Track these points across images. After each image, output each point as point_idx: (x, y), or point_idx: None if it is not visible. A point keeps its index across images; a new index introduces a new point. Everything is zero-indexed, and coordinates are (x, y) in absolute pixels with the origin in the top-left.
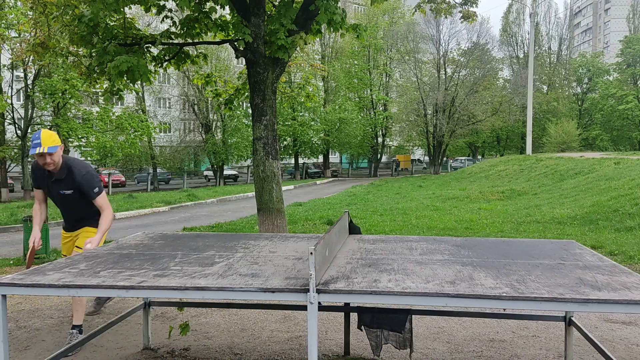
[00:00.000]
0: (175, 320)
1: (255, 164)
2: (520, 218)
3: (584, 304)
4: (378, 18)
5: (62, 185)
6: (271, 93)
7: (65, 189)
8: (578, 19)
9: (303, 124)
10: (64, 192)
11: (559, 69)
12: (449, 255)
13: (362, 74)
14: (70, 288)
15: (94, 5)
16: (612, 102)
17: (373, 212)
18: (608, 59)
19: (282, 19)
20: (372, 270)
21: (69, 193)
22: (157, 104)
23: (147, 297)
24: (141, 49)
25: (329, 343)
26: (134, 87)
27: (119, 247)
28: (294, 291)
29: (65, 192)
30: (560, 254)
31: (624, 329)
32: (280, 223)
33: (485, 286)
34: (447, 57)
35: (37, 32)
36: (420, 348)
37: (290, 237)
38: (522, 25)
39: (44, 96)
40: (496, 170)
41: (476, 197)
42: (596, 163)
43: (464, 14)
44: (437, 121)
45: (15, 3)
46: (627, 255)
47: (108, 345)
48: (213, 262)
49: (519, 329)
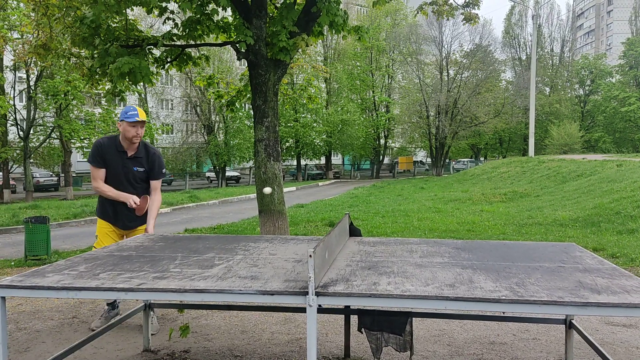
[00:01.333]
0: (176, 322)
1: (257, 165)
2: (522, 220)
3: (583, 307)
4: (380, 20)
5: (138, 162)
6: (273, 95)
7: (139, 166)
8: (580, 21)
9: (305, 126)
10: (138, 169)
11: (561, 70)
12: (449, 258)
13: (364, 75)
14: (69, 290)
15: (96, 7)
16: (615, 104)
17: (375, 214)
18: (610, 61)
19: (284, 20)
20: (371, 273)
21: (141, 170)
22: (160, 105)
23: (147, 299)
24: (143, 51)
25: (329, 345)
26: (136, 88)
27: (118, 249)
28: (293, 294)
29: (139, 169)
30: (560, 256)
31: (624, 332)
32: (282, 225)
33: (484, 289)
34: (449, 58)
35: (39, 34)
36: (420, 350)
37: (291, 239)
38: (524, 27)
39: (46, 97)
40: (498, 172)
41: (478, 199)
42: (598, 165)
43: (466, 16)
44: (439, 123)
45: (17, 4)
46: (629, 257)
47: (108, 347)
48: (213, 264)
49: (520, 332)
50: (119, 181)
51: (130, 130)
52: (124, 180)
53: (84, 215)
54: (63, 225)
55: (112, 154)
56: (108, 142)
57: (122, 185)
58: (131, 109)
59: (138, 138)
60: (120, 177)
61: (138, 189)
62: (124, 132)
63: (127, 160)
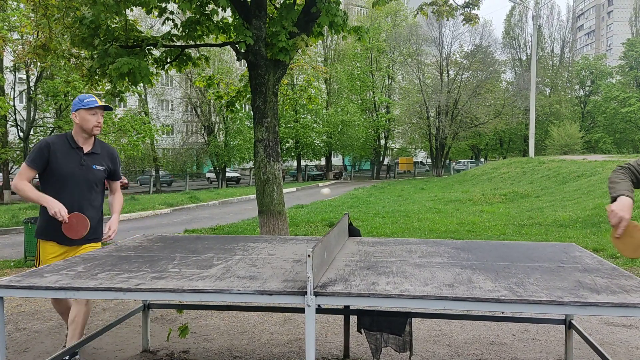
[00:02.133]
0: (175, 323)
1: (257, 166)
2: (523, 221)
3: (582, 307)
4: (380, 20)
5: (97, 160)
6: (272, 95)
7: (99, 165)
8: (581, 22)
9: (305, 126)
10: (98, 168)
11: (561, 71)
12: (449, 258)
13: (364, 76)
14: (67, 290)
15: (95, 7)
16: (615, 105)
17: (375, 215)
18: (611, 61)
19: (284, 21)
20: (370, 273)
21: (101, 170)
22: (160, 106)
23: (145, 300)
24: (142, 51)
25: (328, 346)
26: (136, 89)
27: (117, 249)
28: (292, 294)
29: (99, 167)
30: (560, 256)
31: (624, 332)
32: (282, 225)
33: (483, 289)
34: (449, 59)
35: (38, 34)
36: (420, 351)
37: (290, 240)
38: (524, 27)
39: (46, 98)
40: (499, 172)
41: (478, 199)
42: (599, 166)
43: (465, 17)
44: (439, 123)
45: (17, 5)
46: (629, 258)
47: (107, 348)
48: (211, 264)
49: (520, 332)
50: (75, 183)
51: (90, 119)
52: (82, 181)
53: None
54: None
55: (64, 152)
56: (58, 139)
57: (79, 188)
58: (87, 96)
59: (99, 129)
60: (77, 178)
61: (95, 196)
62: (83, 123)
63: (85, 157)
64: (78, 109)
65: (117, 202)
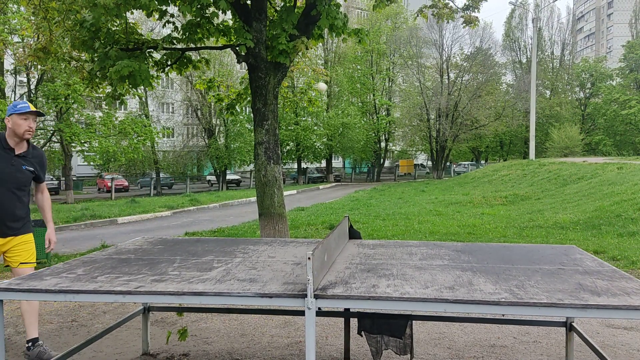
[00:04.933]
0: (175, 326)
1: (257, 168)
2: (523, 223)
3: (582, 309)
4: (381, 23)
5: (28, 161)
6: (273, 98)
7: (29, 166)
8: (581, 24)
9: (306, 129)
10: (27, 169)
11: (561, 74)
12: (449, 261)
13: (365, 78)
14: (66, 293)
15: (96, 10)
16: (615, 107)
17: (375, 217)
18: (611, 64)
19: (284, 23)
20: (371, 276)
21: (30, 170)
22: (160, 108)
23: (146, 302)
24: (143, 54)
25: (329, 349)
26: (136, 91)
27: (117, 252)
28: (292, 296)
29: (29, 169)
30: (560, 259)
31: (625, 335)
32: (282, 228)
33: (484, 292)
34: (450, 61)
35: (39, 37)
36: (420, 354)
37: (290, 242)
38: (524, 30)
39: (46, 101)
40: (499, 175)
41: (479, 202)
42: (599, 168)
43: (466, 19)
44: (440, 126)
45: (18, 8)
46: (630, 260)
47: (107, 351)
48: (211, 267)
49: (520, 335)
50: (3, 181)
51: (22, 124)
52: (10, 181)
53: (84, 219)
54: (63, 228)
55: None
56: None
57: (5, 187)
58: (21, 102)
59: (31, 133)
60: (5, 177)
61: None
62: (15, 128)
63: (16, 158)
64: (11, 114)
65: (47, 204)
